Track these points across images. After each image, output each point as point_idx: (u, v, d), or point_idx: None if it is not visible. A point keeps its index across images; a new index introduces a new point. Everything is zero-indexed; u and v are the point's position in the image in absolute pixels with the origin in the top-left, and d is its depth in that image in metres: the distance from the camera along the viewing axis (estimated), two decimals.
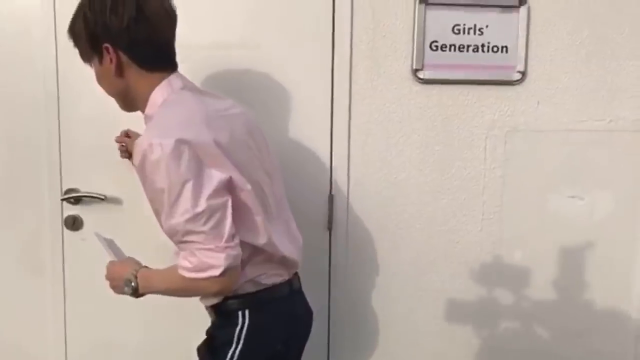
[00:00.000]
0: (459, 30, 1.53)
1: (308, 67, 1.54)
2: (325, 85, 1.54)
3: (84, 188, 1.54)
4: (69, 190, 1.55)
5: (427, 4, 1.51)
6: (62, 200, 1.54)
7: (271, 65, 1.53)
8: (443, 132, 1.58)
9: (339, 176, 1.57)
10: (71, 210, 1.55)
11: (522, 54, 1.54)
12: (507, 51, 1.54)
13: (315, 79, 1.54)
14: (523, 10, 1.52)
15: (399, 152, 1.58)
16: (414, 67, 1.53)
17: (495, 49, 1.54)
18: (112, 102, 1.15)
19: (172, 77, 1.11)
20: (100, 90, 1.14)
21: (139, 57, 1.07)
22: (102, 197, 1.52)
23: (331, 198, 1.58)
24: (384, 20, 1.53)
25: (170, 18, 1.11)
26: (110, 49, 1.06)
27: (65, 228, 1.56)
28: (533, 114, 1.58)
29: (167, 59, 1.12)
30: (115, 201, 1.55)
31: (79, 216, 1.56)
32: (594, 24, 1.55)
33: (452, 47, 1.54)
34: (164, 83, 1.10)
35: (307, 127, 1.56)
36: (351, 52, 1.53)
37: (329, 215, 1.58)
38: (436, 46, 1.54)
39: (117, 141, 1.46)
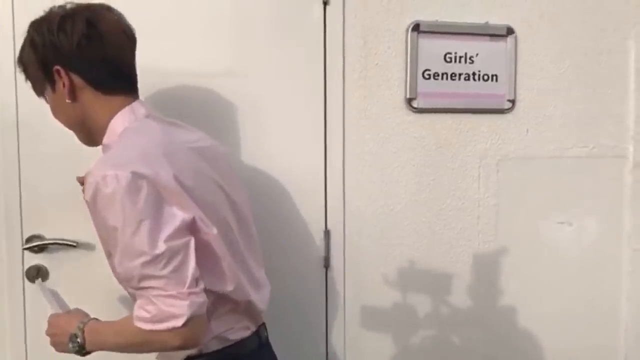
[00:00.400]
0: (450, 58, 1.52)
1: (299, 97, 1.46)
2: (318, 115, 1.47)
3: (49, 234, 1.36)
4: (31, 238, 1.36)
5: (419, 31, 1.48)
6: (24, 249, 1.34)
7: (260, 94, 1.43)
8: (437, 161, 1.54)
9: (335, 210, 1.49)
10: (34, 259, 1.36)
11: (511, 83, 1.55)
12: (497, 80, 1.55)
13: (307, 108, 1.46)
14: (510, 39, 1.54)
15: (395, 183, 1.52)
16: (408, 96, 1.50)
17: (485, 77, 1.54)
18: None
19: (136, 104, 1.02)
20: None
21: (94, 78, 0.98)
22: (74, 244, 1.34)
23: (327, 234, 1.49)
24: (375, 48, 1.49)
25: (128, 38, 1.03)
26: (62, 72, 0.97)
27: (26, 280, 1.36)
28: (522, 142, 1.59)
29: (127, 82, 1.03)
30: (87, 247, 1.37)
31: (43, 266, 1.37)
32: (575, 54, 1.60)
33: (444, 76, 1.52)
34: (126, 109, 1.00)
35: (300, 159, 1.47)
36: (344, 82, 1.47)
37: (326, 252, 1.49)
38: (429, 75, 1.51)
39: (79, 181, 1.29)
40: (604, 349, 1.70)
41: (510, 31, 1.54)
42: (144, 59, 1.35)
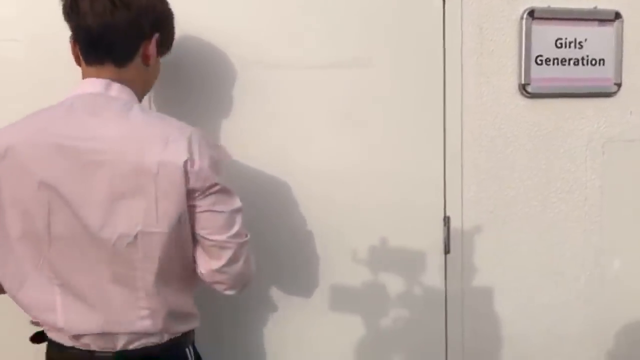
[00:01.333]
0: (561, 44, 1.54)
1: (419, 85, 1.47)
2: (437, 102, 1.48)
3: None
4: None
5: (534, 18, 1.50)
6: None
7: (384, 83, 1.44)
8: (548, 145, 1.57)
9: (453, 196, 1.51)
10: None
11: (618, 66, 1.58)
12: (604, 64, 1.58)
13: (427, 96, 1.48)
14: (618, 24, 1.57)
15: (509, 168, 1.55)
16: (522, 82, 1.52)
17: (593, 61, 1.57)
18: None
19: (88, 81, 1.02)
20: None
21: (79, 47, 1.03)
22: None
23: (447, 220, 1.51)
24: (491, 35, 1.50)
25: (112, 4, 0.99)
26: (70, 41, 1.05)
27: None
28: (628, 124, 1.62)
29: (101, 52, 1.02)
30: None
31: None
32: None
33: (555, 61, 1.55)
34: (84, 82, 1.03)
35: (420, 146, 1.49)
36: (462, 69, 1.49)
37: (446, 238, 1.51)
38: (541, 60, 1.53)
39: None
40: None
41: (617, 15, 1.56)
42: (269, 54, 1.38)
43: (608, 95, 1.59)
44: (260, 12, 1.37)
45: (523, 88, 1.52)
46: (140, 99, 1.09)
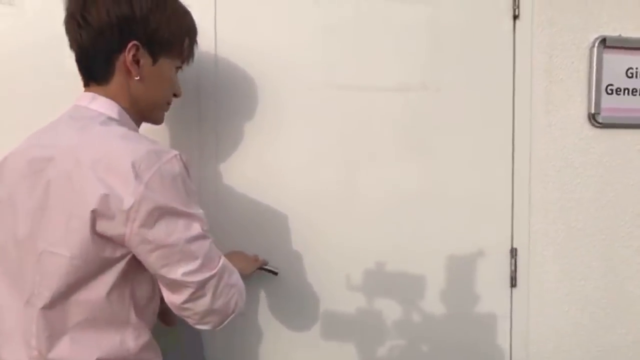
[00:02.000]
0: (632, 73, 1.50)
1: (487, 112, 1.43)
2: (506, 130, 1.44)
3: None
4: None
5: (605, 47, 1.47)
6: None
7: (452, 108, 1.41)
8: (617, 177, 1.52)
9: (520, 228, 1.46)
10: None
11: None
12: None
13: (495, 124, 1.44)
14: None
15: (576, 200, 1.50)
16: (592, 112, 1.48)
17: None
18: None
19: (81, 98, 1.00)
20: None
21: None
22: None
23: (514, 252, 1.46)
24: (560, 63, 1.47)
25: (75, 21, 0.97)
26: None
27: None
28: None
29: (83, 71, 1.01)
30: None
31: None
32: None
33: (626, 91, 1.51)
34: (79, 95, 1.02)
35: (488, 174, 1.44)
36: (531, 96, 1.45)
37: (512, 271, 1.46)
38: (611, 90, 1.49)
39: None
40: None
41: None
42: (338, 75, 1.36)
43: None
44: (333, 34, 1.35)
45: (593, 118, 1.48)
46: (146, 114, 1.06)
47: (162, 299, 1.02)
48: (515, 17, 1.43)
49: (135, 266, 0.94)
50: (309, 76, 1.33)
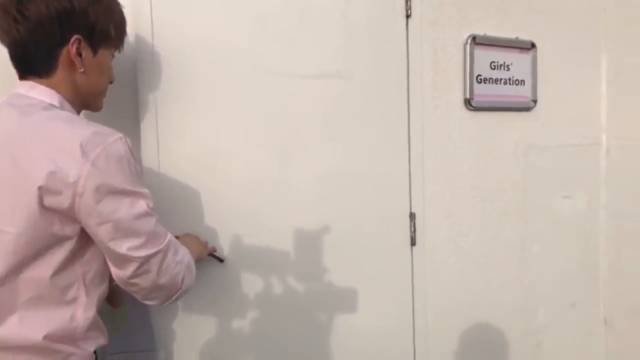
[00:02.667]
0: (494, 66, 1.85)
1: (388, 98, 1.67)
2: (403, 114, 1.69)
3: None
4: None
5: (475, 43, 1.79)
6: None
7: (360, 93, 1.62)
8: (486, 151, 1.87)
9: (417, 195, 1.73)
10: None
11: (535, 86, 1.94)
12: (524, 84, 1.92)
13: (395, 108, 1.68)
14: (533, 52, 1.92)
15: (458, 170, 1.81)
16: (467, 97, 1.80)
17: (517, 82, 1.90)
18: None
19: (19, 87, 1.04)
20: None
21: None
22: None
23: (412, 216, 1.72)
24: (443, 56, 1.76)
25: (10, 17, 0.99)
26: None
27: None
28: (541, 134, 1.98)
29: (21, 66, 1.04)
30: None
31: None
32: (577, 59, 2.04)
33: (490, 80, 1.85)
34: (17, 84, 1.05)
35: (389, 152, 1.68)
36: (422, 85, 1.72)
37: (412, 232, 1.72)
38: (480, 79, 1.83)
39: None
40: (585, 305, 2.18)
41: (533, 45, 1.92)
42: (267, 62, 1.49)
43: (527, 109, 1.94)
44: (262, 23, 1.48)
45: (468, 102, 1.80)
46: (89, 102, 1.11)
47: (110, 279, 1.08)
48: (408, 17, 1.68)
49: (85, 245, 1.00)
50: (242, 62, 1.45)
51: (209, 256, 1.39)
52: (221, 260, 1.42)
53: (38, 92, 1.02)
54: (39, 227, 0.93)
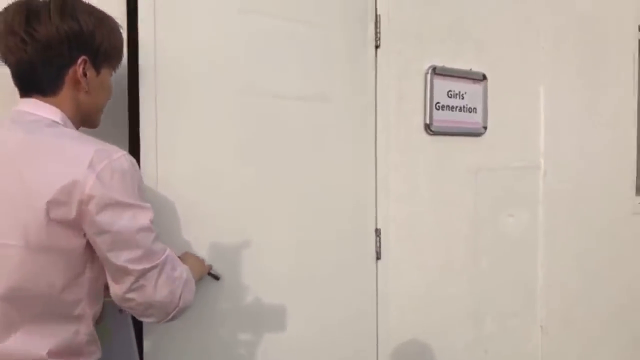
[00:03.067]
0: (451, 94, 2.02)
1: (360, 121, 1.79)
2: (371, 137, 1.82)
3: None
4: None
5: (435, 74, 1.95)
6: None
7: (337, 116, 1.73)
8: (443, 172, 2.03)
9: (383, 212, 1.85)
10: None
11: (485, 114, 2.13)
12: (477, 112, 2.11)
13: (365, 131, 1.81)
14: (484, 83, 2.12)
15: (418, 188, 1.96)
16: (428, 122, 1.95)
17: (470, 109, 2.09)
18: None
19: (22, 105, 1.07)
20: None
21: None
22: None
23: (378, 232, 1.84)
24: (407, 84, 1.91)
25: (18, 38, 1.02)
26: None
27: None
28: (490, 157, 2.17)
29: (25, 85, 1.08)
30: None
31: None
32: (521, 91, 2.26)
33: (447, 107, 2.02)
34: (20, 101, 1.09)
35: (359, 171, 1.80)
36: (388, 110, 1.85)
37: (378, 246, 1.84)
38: (439, 106, 1.99)
39: None
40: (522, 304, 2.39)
41: (484, 77, 2.11)
42: (257, 83, 1.57)
43: (479, 135, 2.13)
44: (251, 44, 1.56)
45: (428, 127, 1.96)
46: (89, 120, 1.15)
47: None
48: (377, 47, 1.81)
49: (91, 261, 1.04)
50: (234, 83, 1.53)
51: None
52: (217, 278, 1.47)
53: (42, 109, 1.05)
54: (46, 240, 0.96)
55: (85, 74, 1.08)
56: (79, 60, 1.06)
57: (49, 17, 1.01)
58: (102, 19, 1.10)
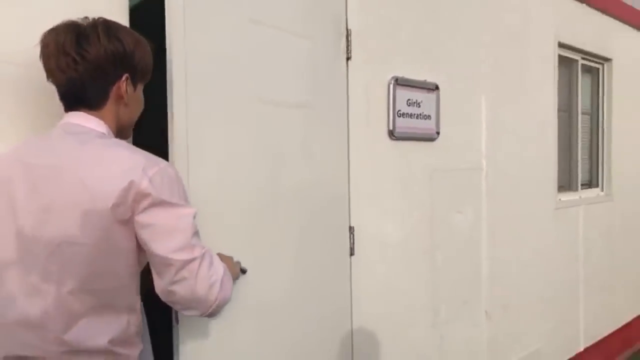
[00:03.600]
0: (410, 103, 2.22)
1: (335, 126, 1.93)
2: (343, 140, 1.97)
3: None
4: None
5: (397, 83, 2.14)
6: None
7: (320, 122, 1.86)
8: (405, 173, 2.22)
9: (356, 210, 2.00)
10: None
11: (438, 120, 2.35)
12: (431, 118, 2.32)
13: (338, 136, 1.95)
14: (437, 92, 2.34)
15: (384, 190, 2.13)
16: (391, 129, 2.13)
17: (425, 117, 2.30)
18: None
19: (71, 117, 1.16)
20: None
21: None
22: None
23: (351, 229, 1.99)
24: (372, 93, 2.08)
25: (70, 58, 1.10)
26: None
27: None
28: (444, 160, 2.40)
29: (73, 100, 1.16)
30: None
31: None
32: (467, 100, 2.50)
33: (407, 115, 2.21)
34: (67, 114, 1.18)
35: (333, 173, 1.94)
36: (358, 117, 2.01)
37: (351, 243, 1.99)
38: (400, 114, 2.18)
39: None
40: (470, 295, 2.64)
41: (437, 87, 2.33)
42: (263, 91, 1.68)
43: (433, 140, 2.34)
44: (257, 54, 1.66)
45: (391, 133, 2.14)
46: (124, 131, 1.25)
47: None
48: (348, 59, 1.97)
49: (142, 258, 1.14)
50: (246, 89, 1.64)
51: None
52: (244, 272, 1.57)
53: (91, 122, 1.15)
54: (112, 240, 1.06)
55: (126, 90, 1.17)
56: (123, 78, 1.16)
57: (97, 39, 1.10)
58: (139, 40, 1.21)
